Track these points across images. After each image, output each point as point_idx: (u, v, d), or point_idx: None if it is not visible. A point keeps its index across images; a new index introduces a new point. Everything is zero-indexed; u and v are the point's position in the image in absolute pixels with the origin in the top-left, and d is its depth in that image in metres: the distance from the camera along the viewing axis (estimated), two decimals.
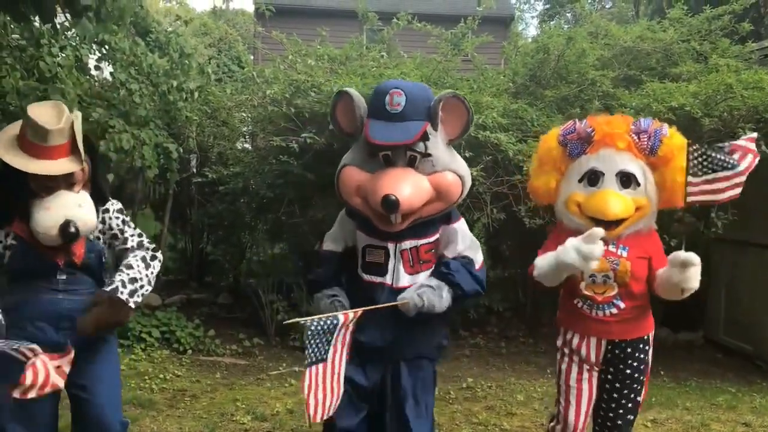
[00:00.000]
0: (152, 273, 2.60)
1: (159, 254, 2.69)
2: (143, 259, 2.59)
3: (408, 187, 2.44)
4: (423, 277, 2.65)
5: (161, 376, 5.00)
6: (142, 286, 2.51)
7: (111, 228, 2.63)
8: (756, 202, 5.73)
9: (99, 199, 2.58)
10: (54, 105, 2.51)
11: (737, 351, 6.20)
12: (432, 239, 2.66)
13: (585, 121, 2.90)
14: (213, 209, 6.77)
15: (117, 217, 2.65)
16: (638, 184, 2.78)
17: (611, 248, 2.77)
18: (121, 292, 2.45)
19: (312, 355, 2.34)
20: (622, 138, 2.80)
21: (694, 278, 2.61)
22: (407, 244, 2.61)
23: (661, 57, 6.79)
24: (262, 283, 6.17)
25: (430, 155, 2.54)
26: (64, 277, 2.52)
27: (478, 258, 2.77)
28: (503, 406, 4.73)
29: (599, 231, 2.51)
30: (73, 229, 2.36)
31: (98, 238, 2.60)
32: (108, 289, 2.46)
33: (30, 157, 2.37)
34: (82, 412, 2.61)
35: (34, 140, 2.37)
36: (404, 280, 2.61)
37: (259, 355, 5.81)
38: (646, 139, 2.79)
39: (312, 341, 2.33)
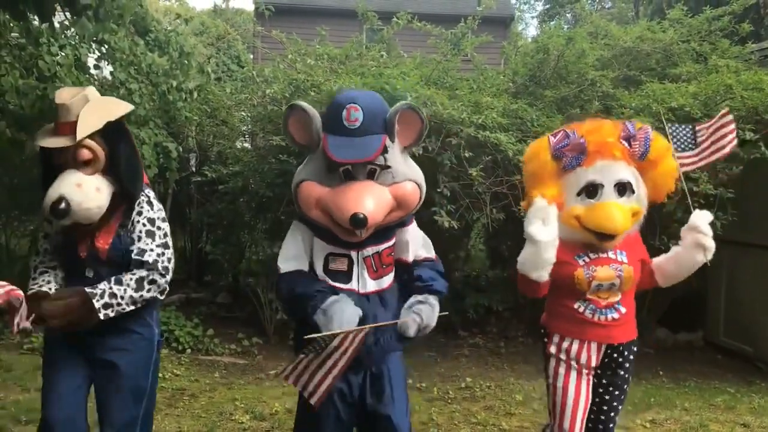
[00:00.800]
0: (141, 297, 2.49)
1: (162, 279, 2.54)
2: (139, 280, 2.48)
3: (372, 202, 2.44)
4: (387, 280, 2.67)
5: (160, 375, 4.95)
6: (119, 304, 2.43)
7: (134, 231, 2.56)
8: (756, 204, 5.75)
9: (123, 190, 2.56)
10: (80, 88, 2.58)
11: (737, 352, 6.20)
12: (391, 243, 2.69)
13: (574, 130, 2.82)
14: (212, 208, 6.77)
15: (144, 225, 2.56)
16: (633, 192, 2.77)
17: (611, 255, 2.76)
18: (97, 300, 2.40)
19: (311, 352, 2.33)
20: (617, 147, 2.76)
21: (708, 236, 2.76)
22: (369, 250, 2.62)
23: (660, 57, 6.80)
24: (262, 282, 6.16)
25: (389, 167, 2.55)
26: (91, 275, 2.51)
27: (432, 252, 2.83)
28: (502, 406, 4.73)
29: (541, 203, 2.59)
30: (63, 206, 2.35)
31: (124, 236, 2.55)
32: (88, 289, 2.42)
33: (49, 135, 2.46)
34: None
35: (58, 120, 2.46)
36: (370, 285, 2.63)
37: (258, 354, 5.81)
38: (637, 146, 2.76)
39: (314, 348, 2.32)
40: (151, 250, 2.53)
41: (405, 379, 2.78)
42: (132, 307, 2.48)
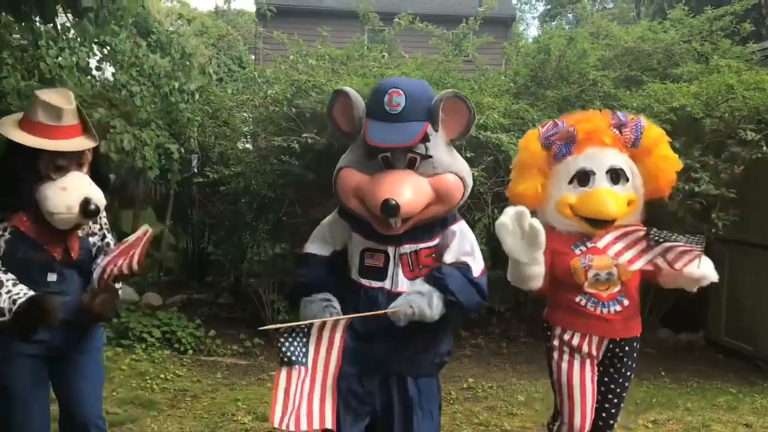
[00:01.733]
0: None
1: None
2: None
3: (408, 191, 2.36)
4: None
5: (162, 376, 4.99)
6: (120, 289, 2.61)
7: (101, 226, 2.69)
8: (757, 204, 5.74)
9: (102, 187, 2.60)
10: (60, 90, 2.60)
11: (738, 352, 6.19)
12: (432, 243, 2.55)
13: (563, 120, 2.84)
14: (214, 209, 6.78)
15: (105, 216, 2.71)
16: (627, 180, 2.75)
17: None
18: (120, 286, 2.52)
19: (285, 356, 2.25)
20: (607, 133, 2.76)
21: (709, 271, 2.74)
22: (406, 248, 2.52)
23: (662, 58, 6.80)
24: (263, 283, 6.17)
25: (430, 157, 2.46)
26: (54, 278, 2.51)
27: (478, 264, 2.59)
28: (504, 407, 4.73)
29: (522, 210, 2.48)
30: (93, 207, 2.40)
31: (89, 235, 2.63)
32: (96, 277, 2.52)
33: (44, 138, 2.42)
34: (65, 407, 2.67)
35: (47, 121, 2.42)
36: (404, 285, 2.50)
37: (260, 355, 5.81)
38: (628, 132, 2.75)
39: (287, 340, 2.26)
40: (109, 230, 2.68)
41: (437, 409, 2.70)
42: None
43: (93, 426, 2.64)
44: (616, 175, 2.73)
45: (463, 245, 2.57)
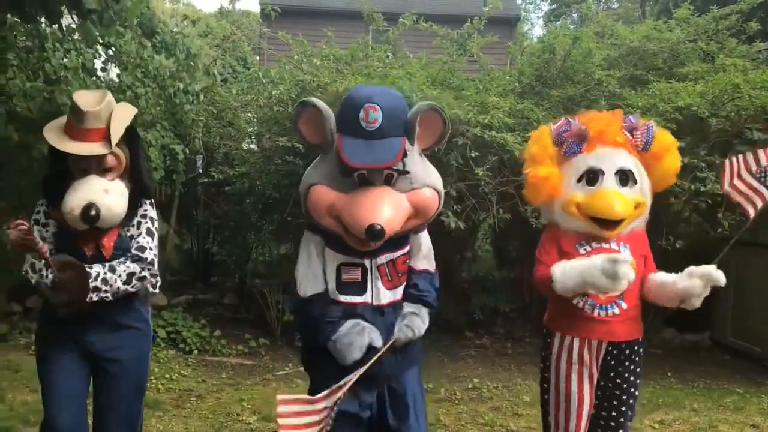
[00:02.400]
0: (125, 290, 2.50)
1: (153, 278, 2.63)
2: (130, 275, 2.51)
3: (389, 210, 2.31)
4: (402, 290, 2.59)
5: (167, 376, 5.00)
6: (105, 292, 2.44)
7: (138, 227, 2.62)
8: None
9: (140, 193, 2.60)
10: (100, 92, 2.58)
11: (745, 352, 6.17)
12: (406, 250, 2.57)
13: (576, 118, 2.82)
14: (219, 210, 6.79)
15: (148, 223, 2.63)
16: (635, 182, 2.72)
17: (614, 246, 2.71)
18: (93, 280, 2.40)
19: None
20: (619, 133, 2.74)
21: (703, 297, 2.60)
22: (383, 258, 2.49)
23: (667, 57, 6.77)
24: (268, 283, 6.18)
25: (408, 172, 2.41)
26: None
27: (432, 265, 2.70)
28: (509, 407, 4.72)
29: (625, 257, 2.42)
30: (93, 212, 2.37)
31: (131, 237, 2.59)
32: (86, 267, 2.43)
33: (68, 138, 2.44)
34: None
35: (73, 122, 2.45)
36: (385, 296, 2.49)
37: (264, 355, 5.81)
38: (639, 136, 2.73)
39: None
40: (150, 248, 2.59)
41: (423, 393, 2.73)
42: (111, 298, 2.47)
43: None
44: (625, 177, 2.70)
45: (423, 250, 2.67)
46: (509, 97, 6.06)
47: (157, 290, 2.76)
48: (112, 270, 2.46)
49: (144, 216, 2.62)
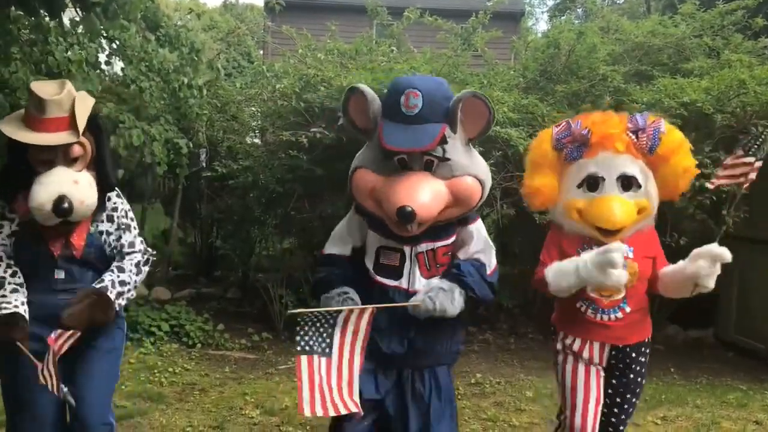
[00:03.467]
0: (141, 278, 2.56)
1: (149, 255, 2.63)
2: (137, 264, 2.53)
3: (424, 196, 2.31)
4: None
5: (170, 369, 5.01)
6: (129, 290, 2.46)
7: (117, 226, 2.57)
8: (767, 200, 5.68)
9: (105, 185, 2.53)
10: (58, 81, 2.51)
11: (749, 349, 6.16)
12: (449, 241, 2.55)
13: (579, 121, 2.75)
14: (222, 204, 6.79)
15: (124, 217, 2.59)
16: (639, 187, 2.66)
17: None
18: (111, 292, 2.40)
19: (306, 345, 2.28)
20: (621, 139, 2.66)
21: (714, 276, 2.58)
22: (423, 246, 2.50)
23: (672, 52, 6.75)
24: (272, 277, 6.18)
25: (448, 160, 2.41)
26: (62, 275, 2.46)
27: (492, 262, 2.63)
28: (512, 402, 4.72)
29: (618, 247, 2.44)
30: (66, 205, 2.30)
31: (101, 233, 2.53)
32: (97, 286, 2.41)
33: (28, 130, 2.36)
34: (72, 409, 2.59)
35: (33, 112, 2.37)
36: (420, 283, 2.50)
37: (268, 349, 5.82)
38: (644, 138, 2.65)
39: (308, 331, 2.28)
40: (135, 240, 2.59)
41: (452, 395, 2.68)
42: (134, 293, 2.51)
43: (95, 430, 2.55)
44: (627, 182, 2.65)
45: (477, 244, 2.60)
46: (514, 92, 6.04)
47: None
48: (122, 270, 2.46)
49: (115, 209, 2.57)
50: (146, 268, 2.59)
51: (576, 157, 2.72)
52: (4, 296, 2.38)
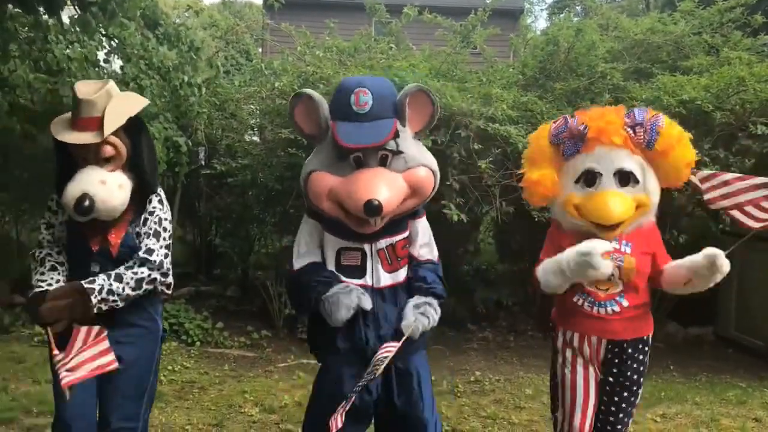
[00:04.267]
0: (136, 295, 2.47)
1: (165, 279, 2.58)
2: (139, 280, 2.46)
3: (386, 189, 2.38)
4: (402, 274, 2.63)
5: (170, 367, 5.01)
6: (114, 301, 2.41)
7: (144, 227, 2.55)
8: None
9: (144, 188, 2.55)
10: (101, 81, 2.54)
11: (748, 346, 6.16)
12: (405, 234, 2.63)
13: (576, 117, 2.75)
14: (221, 202, 6.78)
15: (155, 223, 2.56)
16: (637, 182, 2.65)
17: (615, 245, 2.65)
18: (95, 296, 2.37)
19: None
20: (618, 134, 2.64)
21: (708, 281, 2.60)
22: (383, 242, 2.56)
23: (672, 50, 6.74)
24: (271, 275, 6.18)
25: (401, 152, 2.49)
26: (97, 269, 2.48)
27: (436, 254, 2.75)
28: (511, 400, 4.72)
29: (594, 247, 2.47)
30: (87, 203, 2.33)
31: (138, 234, 2.54)
32: (85, 284, 2.38)
33: (68, 128, 2.42)
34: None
35: (74, 112, 2.43)
36: (385, 279, 2.57)
37: (267, 347, 5.82)
38: (642, 133, 2.64)
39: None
40: (158, 250, 2.53)
41: (430, 376, 2.76)
42: (123, 304, 2.45)
43: None
44: (625, 177, 2.64)
45: (424, 236, 2.72)
46: (513, 89, 6.04)
47: (169, 291, 2.70)
48: (119, 279, 2.42)
49: (152, 214, 2.56)
50: (148, 287, 2.50)
51: (573, 152, 2.72)
52: (42, 274, 2.50)
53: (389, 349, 2.43)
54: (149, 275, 2.49)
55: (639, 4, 17.74)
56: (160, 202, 2.61)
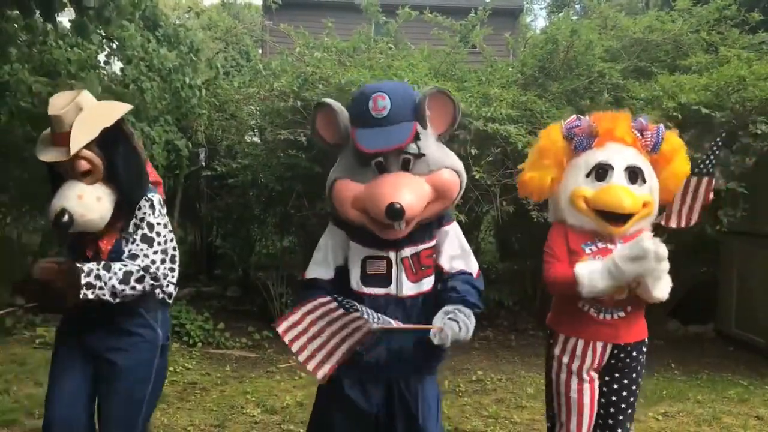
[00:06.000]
0: (122, 291, 2.38)
1: (157, 283, 2.49)
2: (127, 273, 2.40)
3: (409, 192, 2.34)
4: (427, 283, 2.55)
5: (171, 369, 5.01)
6: (101, 288, 2.34)
7: (133, 234, 2.51)
8: (767, 194, 5.70)
9: (127, 200, 2.50)
10: (71, 93, 2.49)
11: (748, 344, 6.17)
12: (431, 244, 2.56)
13: (588, 116, 2.83)
14: (222, 203, 6.79)
15: (143, 229, 2.50)
16: (644, 181, 2.70)
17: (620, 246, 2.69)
18: (85, 276, 2.31)
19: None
20: (629, 133, 2.73)
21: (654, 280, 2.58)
22: (407, 251, 2.51)
23: (670, 48, 6.74)
24: (271, 276, 6.18)
25: (423, 155, 2.44)
26: None
27: (474, 266, 2.61)
28: (513, 399, 4.73)
29: (647, 236, 2.45)
30: (65, 219, 2.33)
31: (126, 241, 2.51)
32: (78, 264, 2.35)
33: (47, 145, 2.42)
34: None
35: (51, 127, 2.42)
36: (408, 289, 2.51)
37: (268, 347, 5.83)
38: (649, 136, 2.73)
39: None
40: (146, 256, 2.46)
41: (439, 403, 2.65)
42: (110, 299, 2.37)
43: None
44: (634, 174, 2.68)
45: (455, 247, 2.60)
46: (512, 88, 6.04)
47: (170, 300, 2.67)
48: (107, 268, 2.37)
49: (142, 220, 2.51)
50: (138, 286, 2.42)
51: (585, 147, 2.76)
52: None
53: (406, 325, 2.38)
54: (137, 272, 2.41)
55: (639, 2, 17.73)
56: (152, 207, 2.53)
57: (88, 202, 2.40)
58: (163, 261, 2.51)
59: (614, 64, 6.14)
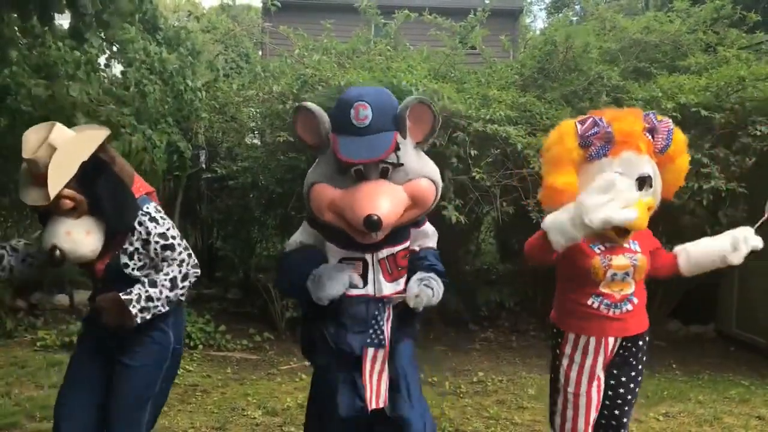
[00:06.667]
0: (176, 295, 2.52)
1: (193, 270, 2.60)
2: (173, 280, 2.50)
3: (387, 203, 2.38)
4: (402, 282, 2.63)
5: None
6: (156, 307, 2.45)
7: (151, 255, 2.55)
8: (767, 194, 5.69)
9: (115, 229, 2.49)
10: (46, 127, 2.44)
11: (750, 344, 6.16)
12: (407, 244, 2.64)
13: (602, 117, 2.72)
14: (222, 205, 6.79)
15: (158, 242, 2.53)
16: (650, 186, 2.71)
17: (625, 245, 2.73)
18: (134, 306, 2.41)
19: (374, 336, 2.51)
20: (643, 139, 2.69)
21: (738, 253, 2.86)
22: (384, 252, 2.57)
23: (669, 49, 6.74)
24: (272, 278, 6.17)
25: (402, 165, 2.48)
26: (100, 286, 2.59)
27: (435, 245, 2.82)
28: (514, 400, 4.72)
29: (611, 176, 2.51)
30: (58, 255, 2.36)
31: (124, 263, 2.53)
32: (123, 296, 2.42)
33: (28, 184, 2.42)
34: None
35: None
36: (386, 288, 2.58)
37: (269, 349, 5.83)
38: (660, 139, 2.70)
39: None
40: (174, 259, 2.55)
41: (416, 371, 2.72)
42: (168, 308, 2.50)
43: None
44: (643, 182, 2.68)
45: (426, 241, 2.78)
46: (511, 90, 6.04)
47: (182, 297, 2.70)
48: (153, 284, 2.46)
49: (149, 234, 2.51)
50: (185, 284, 2.53)
51: (601, 155, 2.70)
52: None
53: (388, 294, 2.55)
54: (180, 271, 2.53)
55: (638, 3, 17.74)
56: (152, 219, 2.53)
57: (77, 238, 2.41)
58: (189, 255, 2.61)
59: (613, 65, 6.14)
